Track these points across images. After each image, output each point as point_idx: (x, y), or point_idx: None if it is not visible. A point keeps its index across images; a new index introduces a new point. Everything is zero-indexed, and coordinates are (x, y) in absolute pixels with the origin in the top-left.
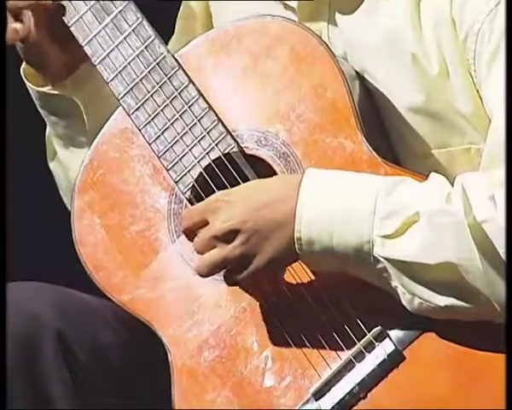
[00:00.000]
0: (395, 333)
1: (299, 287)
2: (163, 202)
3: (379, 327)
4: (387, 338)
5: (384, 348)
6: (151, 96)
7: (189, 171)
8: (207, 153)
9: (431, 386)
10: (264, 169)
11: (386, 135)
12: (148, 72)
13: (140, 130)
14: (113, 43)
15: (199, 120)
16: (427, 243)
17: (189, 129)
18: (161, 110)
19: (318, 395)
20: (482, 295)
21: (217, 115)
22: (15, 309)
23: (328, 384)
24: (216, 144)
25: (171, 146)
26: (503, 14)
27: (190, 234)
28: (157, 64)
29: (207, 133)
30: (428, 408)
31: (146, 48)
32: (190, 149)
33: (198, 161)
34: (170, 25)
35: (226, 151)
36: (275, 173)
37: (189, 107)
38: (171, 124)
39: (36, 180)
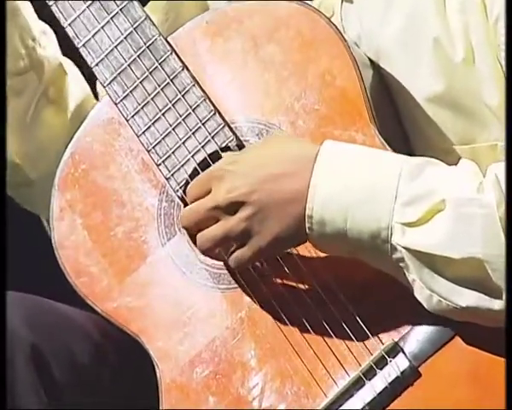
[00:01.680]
0: (410, 347)
1: (302, 295)
2: (152, 201)
3: (391, 341)
4: (401, 353)
5: (397, 365)
6: (140, 83)
7: (181, 166)
8: (203, 146)
9: (448, 405)
10: None
11: (403, 128)
12: (138, 56)
13: (128, 120)
14: (99, 24)
15: (193, 110)
16: (452, 235)
17: (183, 120)
18: (152, 99)
19: None
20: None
21: (213, 105)
22: None
23: (335, 404)
24: (212, 137)
25: (163, 139)
26: None
27: None
28: (147, 48)
29: (203, 125)
30: None
31: (135, 30)
32: (184, 143)
33: (192, 156)
34: None
35: (224, 145)
36: None
37: (183, 95)
38: (163, 114)
39: None
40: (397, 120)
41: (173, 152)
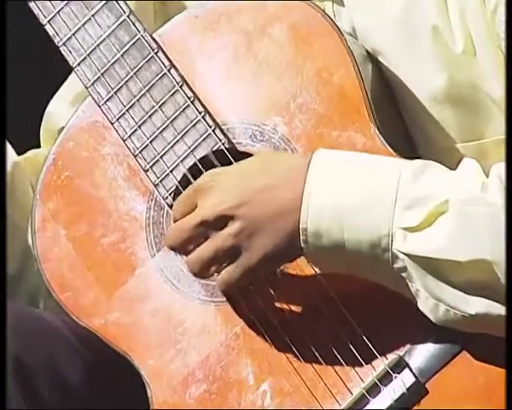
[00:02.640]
0: (416, 362)
1: (301, 308)
2: (140, 209)
3: (396, 355)
4: (407, 369)
5: (403, 381)
6: (125, 83)
7: (170, 172)
8: (192, 151)
9: None
10: None
11: (404, 127)
12: (122, 55)
13: (113, 124)
14: (80, 22)
15: (182, 112)
16: (457, 237)
17: (171, 122)
18: (137, 100)
19: None
20: None
21: (203, 106)
22: None
23: None
24: (203, 140)
25: (150, 143)
26: None
27: None
28: (132, 46)
29: (192, 127)
30: None
31: (119, 26)
32: (172, 147)
33: (181, 161)
34: None
35: (215, 148)
36: None
37: (171, 96)
38: (150, 116)
39: None
40: (398, 117)
41: (161, 157)
